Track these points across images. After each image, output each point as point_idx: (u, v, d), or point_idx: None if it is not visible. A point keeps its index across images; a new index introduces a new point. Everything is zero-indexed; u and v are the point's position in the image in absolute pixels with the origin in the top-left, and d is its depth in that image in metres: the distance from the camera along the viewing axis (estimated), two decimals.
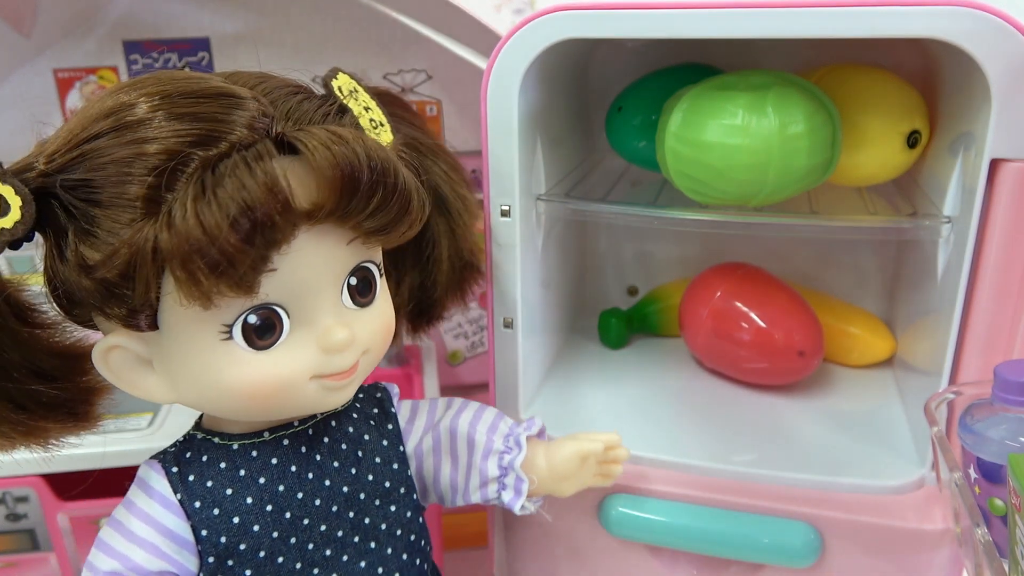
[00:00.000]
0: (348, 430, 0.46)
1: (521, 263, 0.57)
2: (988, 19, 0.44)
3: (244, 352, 0.38)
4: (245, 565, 0.42)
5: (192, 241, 0.33)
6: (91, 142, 0.35)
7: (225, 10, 0.76)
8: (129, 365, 0.40)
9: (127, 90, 0.37)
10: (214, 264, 0.34)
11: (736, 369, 0.67)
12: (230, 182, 0.34)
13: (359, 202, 0.37)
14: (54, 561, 0.70)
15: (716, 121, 0.51)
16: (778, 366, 0.65)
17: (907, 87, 0.57)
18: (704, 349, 0.68)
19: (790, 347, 0.64)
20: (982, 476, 0.43)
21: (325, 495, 0.44)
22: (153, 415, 0.70)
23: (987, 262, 0.48)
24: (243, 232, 0.34)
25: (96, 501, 0.68)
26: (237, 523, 0.42)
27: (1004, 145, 0.46)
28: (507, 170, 0.55)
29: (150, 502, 0.42)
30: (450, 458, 0.50)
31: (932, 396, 0.48)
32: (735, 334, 0.65)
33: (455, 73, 0.79)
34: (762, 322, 0.64)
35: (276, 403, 0.40)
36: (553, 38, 0.50)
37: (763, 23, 0.47)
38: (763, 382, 0.66)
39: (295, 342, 0.39)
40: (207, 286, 0.34)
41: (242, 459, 0.43)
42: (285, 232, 0.35)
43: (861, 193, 0.61)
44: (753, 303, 0.65)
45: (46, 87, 0.77)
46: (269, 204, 0.34)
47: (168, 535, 0.42)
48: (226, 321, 0.37)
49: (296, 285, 0.38)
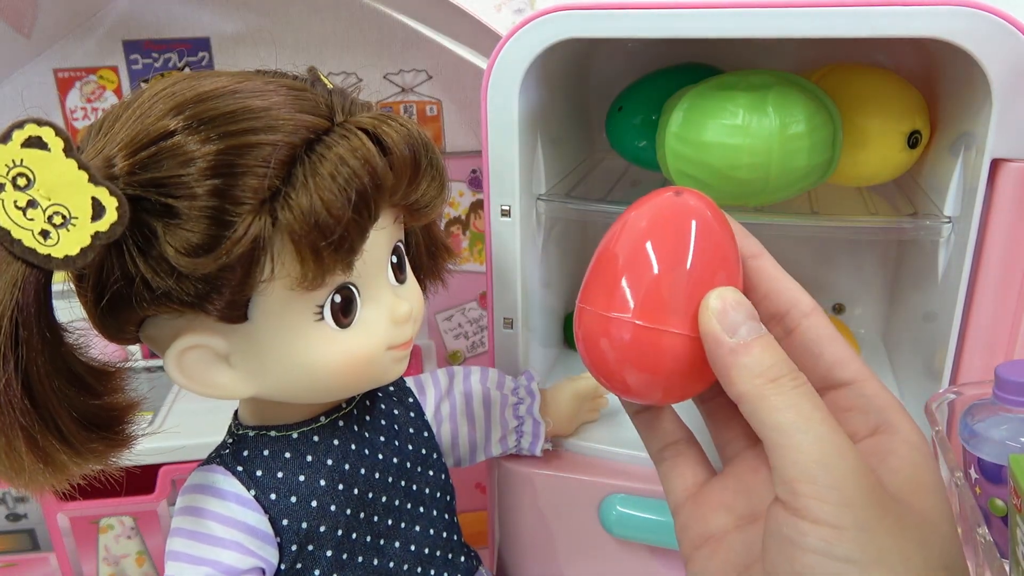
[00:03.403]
0: (381, 407, 0.49)
1: (521, 263, 0.57)
2: (989, 19, 0.44)
3: (333, 331, 0.40)
4: (326, 546, 0.44)
5: (316, 218, 0.34)
6: (168, 139, 0.34)
7: (225, 10, 0.76)
8: (205, 364, 0.40)
9: (183, 81, 0.37)
10: (338, 240, 0.35)
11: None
12: (332, 162, 0.35)
13: (421, 178, 0.40)
14: (54, 561, 0.70)
15: (716, 121, 0.51)
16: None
17: (907, 87, 0.57)
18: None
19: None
20: (983, 476, 0.43)
21: (381, 468, 0.47)
22: (153, 415, 0.70)
23: (988, 262, 0.48)
24: (354, 206, 0.35)
25: (96, 501, 0.68)
26: (316, 506, 0.44)
27: (1005, 145, 0.46)
28: (507, 170, 0.55)
29: (224, 503, 0.43)
30: (467, 419, 0.53)
31: (932, 396, 0.48)
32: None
33: (455, 73, 0.79)
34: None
35: (360, 377, 0.42)
36: (553, 38, 0.50)
37: (763, 23, 0.47)
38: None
39: (368, 318, 0.41)
40: (329, 263, 0.36)
41: (305, 446, 0.44)
42: (380, 206, 0.37)
43: (861, 193, 0.61)
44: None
45: (46, 87, 0.77)
46: (367, 178, 0.36)
47: (251, 532, 0.42)
48: (319, 302, 0.39)
49: (367, 263, 0.39)
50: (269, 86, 0.37)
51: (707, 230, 0.32)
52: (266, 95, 0.36)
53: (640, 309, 0.32)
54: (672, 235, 0.32)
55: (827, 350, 0.33)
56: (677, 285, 0.32)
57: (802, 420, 0.29)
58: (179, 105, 0.35)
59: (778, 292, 0.34)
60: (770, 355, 0.30)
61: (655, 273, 0.32)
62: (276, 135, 0.34)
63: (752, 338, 0.31)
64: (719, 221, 0.33)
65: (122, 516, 0.70)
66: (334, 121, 0.37)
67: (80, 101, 0.78)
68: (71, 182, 0.32)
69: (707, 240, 0.32)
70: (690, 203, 0.33)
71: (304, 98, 0.37)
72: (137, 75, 0.78)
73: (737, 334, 0.31)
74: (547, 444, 0.57)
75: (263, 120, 0.35)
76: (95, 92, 0.78)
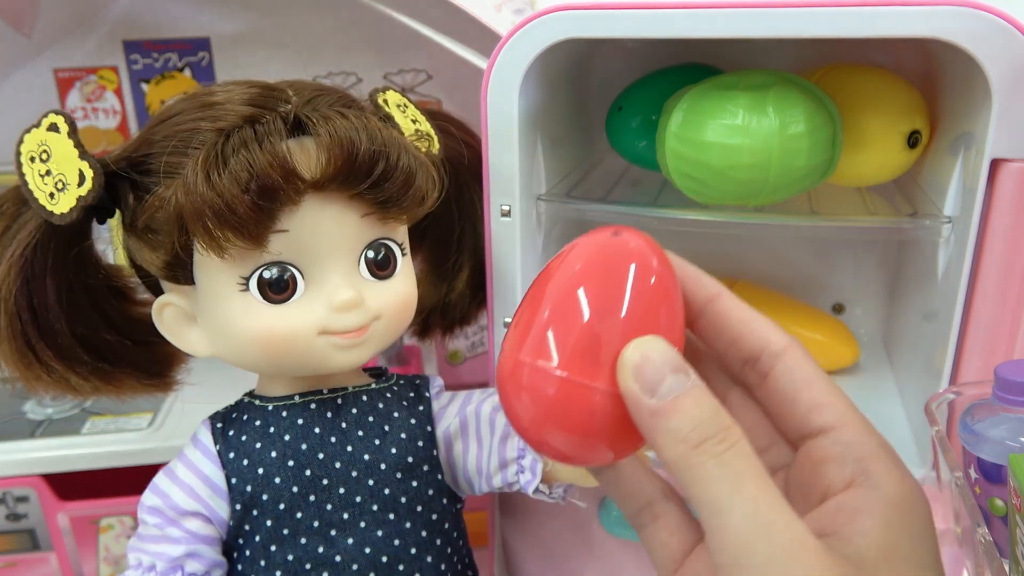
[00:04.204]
0: (378, 405, 0.49)
1: (521, 263, 0.57)
2: (989, 19, 0.44)
3: (259, 304, 0.43)
4: (267, 515, 0.46)
5: (204, 197, 0.39)
6: (153, 129, 0.44)
7: (225, 10, 0.76)
8: (178, 321, 0.46)
9: (184, 98, 0.45)
10: (220, 215, 0.39)
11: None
12: (241, 150, 0.40)
13: (359, 173, 0.42)
14: (54, 561, 0.70)
15: (716, 121, 0.51)
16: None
17: (907, 87, 0.57)
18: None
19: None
20: (982, 476, 0.43)
21: (346, 459, 0.47)
22: (153, 415, 0.70)
23: (988, 262, 0.48)
24: (247, 190, 0.39)
25: (96, 501, 0.68)
26: (261, 474, 0.46)
27: (1005, 145, 0.46)
28: (507, 170, 0.55)
29: (195, 451, 0.48)
30: (476, 440, 0.52)
31: (932, 396, 0.48)
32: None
33: (455, 73, 0.79)
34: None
35: (286, 354, 0.44)
36: (553, 38, 0.50)
37: (763, 23, 0.47)
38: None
39: (307, 300, 0.44)
40: (222, 239, 0.40)
41: (274, 418, 0.47)
42: (289, 195, 0.41)
43: (861, 193, 0.61)
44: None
45: (46, 87, 0.77)
46: (272, 168, 0.40)
47: (205, 480, 0.47)
48: (243, 274, 0.42)
49: (308, 247, 0.43)
50: (241, 87, 0.43)
51: (646, 274, 0.29)
52: (229, 92, 0.43)
53: (567, 360, 0.28)
54: (607, 279, 0.29)
55: (803, 395, 0.30)
56: (610, 334, 0.28)
57: (727, 496, 0.25)
58: (168, 110, 0.44)
59: (746, 335, 0.31)
60: (694, 415, 0.26)
61: (585, 321, 0.29)
62: (216, 123, 0.41)
63: (675, 396, 0.27)
64: (661, 263, 0.30)
65: (122, 516, 0.70)
66: (277, 112, 0.41)
67: (80, 101, 0.78)
68: (68, 157, 0.41)
69: (646, 285, 0.29)
70: (629, 244, 0.30)
71: (259, 94, 0.42)
72: (137, 75, 0.78)
73: (658, 392, 0.27)
74: (551, 489, 0.51)
75: (213, 111, 0.42)
76: (95, 92, 0.78)
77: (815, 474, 0.29)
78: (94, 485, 0.66)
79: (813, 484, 0.29)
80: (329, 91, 0.45)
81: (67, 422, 0.70)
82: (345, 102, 0.45)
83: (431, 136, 0.49)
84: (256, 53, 0.77)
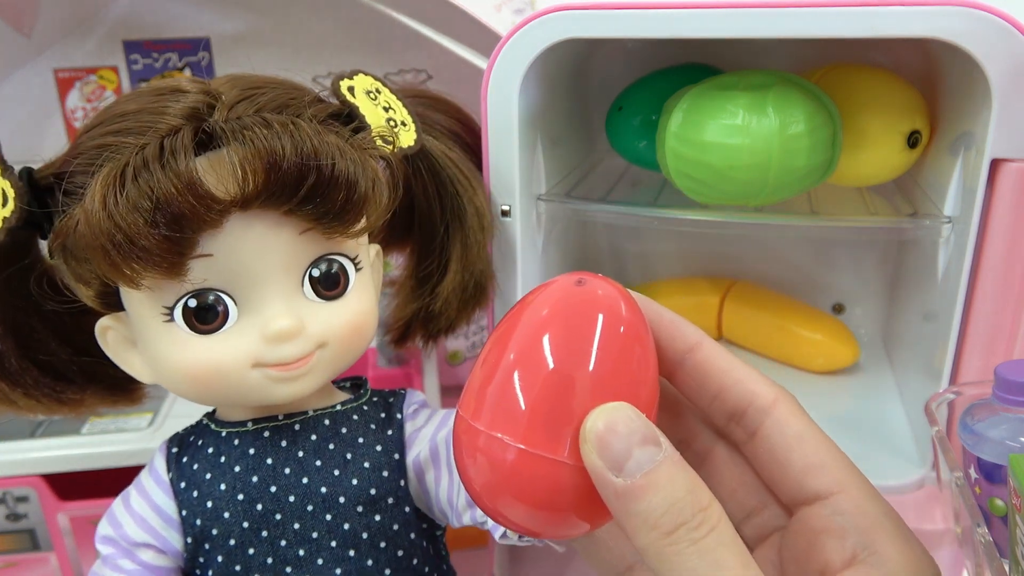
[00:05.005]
0: (341, 431, 0.44)
1: (521, 263, 0.57)
2: (988, 19, 0.44)
3: (186, 335, 0.39)
4: (217, 551, 0.43)
5: (100, 228, 0.35)
6: (80, 137, 0.39)
7: (225, 10, 0.76)
8: (121, 344, 0.43)
9: (119, 99, 0.40)
10: (121, 249, 0.35)
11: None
12: (142, 172, 0.35)
13: (287, 188, 0.36)
14: (54, 561, 0.70)
15: (716, 121, 0.51)
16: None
17: (907, 87, 0.57)
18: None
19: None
20: (982, 476, 0.43)
21: (300, 492, 0.43)
22: (153, 415, 0.70)
23: (988, 262, 0.48)
24: (152, 221, 0.35)
25: (96, 501, 0.68)
26: (210, 507, 0.43)
27: (1004, 145, 0.46)
28: (507, 170, 0.55)
29: (148, 479, 0.45)
30: (448, 471, 0.45)
31: (932, 396, 0.48)
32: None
33: (455, 73, 0.79)
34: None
35: (218, 388, 0.40)
36: (553, 38, 0.50)
37: (763, 23, 0.47)
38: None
39: (239, 329, 0.40)
40: (124, 267, 0.36)
41: (225, 446, 0.44)
42: (204, 220, 0.36)
43: (861, 193, 0.61)
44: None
45: (46, 87, 0.77)
46: (179, 193, 0.35)
47: (156, 511, 0.44)
48: (166, 304, 0.39)
49: (238, 271, 0.38)
50: (161, 89, 0.39)
51: (614, 325, 0.27)
52: (142, 98, 0.38)
53: (526, 430, 0.26)
54: (570, 334, 0.26)
55: (795, 455, 0.27)
56: (572, 399, 0.26)
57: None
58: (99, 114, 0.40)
59: (731, 387, 0.28)
60: (666, 495, 0.23)
61: (545, 384, 0.26)
62: (122, 137, 0.37)
63: (644, 472, 0.24)
64: (631, 311, 0.27)
65: None
66: (190, 123, 0.36)
67: (80, 101, 0.78)
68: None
69: (614, 338, 0.26)
70: (597, 293, 0.27)
71: (176, 100, 0.38)
72: (137, 75, 0.78)
73: (624, 469, 0.24)
74: (516, 535, 0.42)
75: (124, 122, 0.37)
76: (95, 92, 0.78)
77: (812, 546, 0.26)
78: (94, 485, 0.66)
79: (810, 557, 0.27)
80: (267, 89, 0.40)
81: (67, 422, 0.69)
82: (280, 103, 0.39)
83: (407, 124, 0.44)
84: (256, 53, 0.77)
